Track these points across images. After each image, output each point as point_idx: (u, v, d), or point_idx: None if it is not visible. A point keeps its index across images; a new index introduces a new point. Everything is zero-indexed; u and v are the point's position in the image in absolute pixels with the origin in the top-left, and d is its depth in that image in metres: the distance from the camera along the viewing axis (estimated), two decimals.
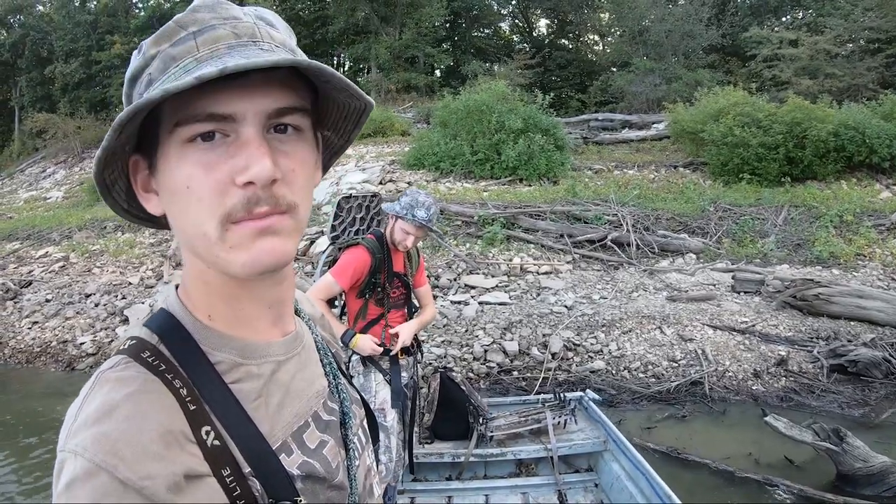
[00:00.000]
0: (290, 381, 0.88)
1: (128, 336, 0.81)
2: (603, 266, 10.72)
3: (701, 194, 13.82)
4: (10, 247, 18.12)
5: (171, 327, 0.81)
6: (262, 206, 0.72)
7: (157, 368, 0.74)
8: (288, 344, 0.90)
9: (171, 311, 0.83)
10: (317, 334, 1.02)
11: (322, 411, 0.93)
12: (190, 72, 0.69)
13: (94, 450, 0.65)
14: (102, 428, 0.66)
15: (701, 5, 27.55)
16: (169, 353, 0.78)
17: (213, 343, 0.81)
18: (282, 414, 0.84)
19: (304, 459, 0.84)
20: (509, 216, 12.08)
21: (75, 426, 0.68)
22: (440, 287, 9.98)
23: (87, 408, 0.69)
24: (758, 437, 5.71)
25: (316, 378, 0.95)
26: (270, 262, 0.75)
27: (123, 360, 0.75)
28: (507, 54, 35.43)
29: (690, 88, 22.00)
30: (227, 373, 0.80)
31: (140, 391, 0.71)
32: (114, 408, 0.68)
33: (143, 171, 0.79)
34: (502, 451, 4.77)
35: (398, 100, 33.29)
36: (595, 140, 21.24)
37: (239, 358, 0.82)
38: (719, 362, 7.24)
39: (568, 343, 7.90)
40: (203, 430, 0.73)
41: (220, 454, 0.74)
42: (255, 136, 0.72)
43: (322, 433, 0.91)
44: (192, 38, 0.73)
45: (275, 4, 38.52)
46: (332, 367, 1.00)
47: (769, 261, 10.39)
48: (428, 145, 17.09)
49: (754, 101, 15.86)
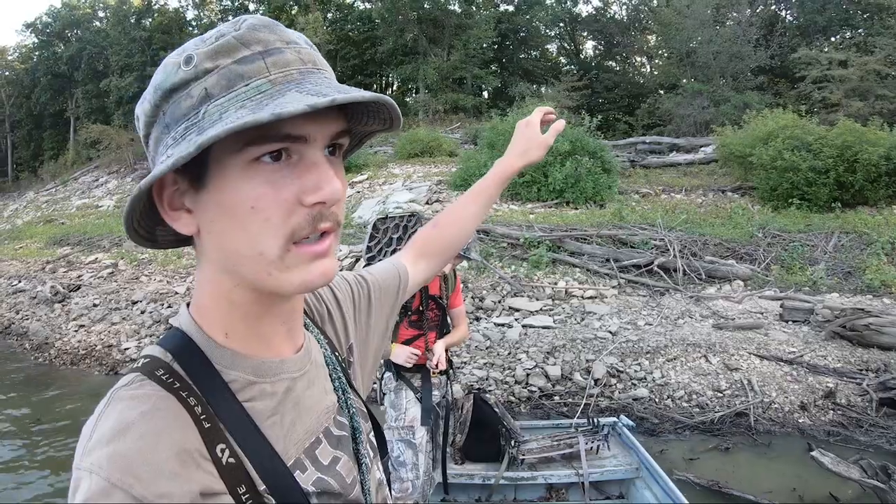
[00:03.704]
0: (301, 398, 0.88)
1: (142, 354, 0.81)
2: (649, 292, 10.65)
3: (749, 219, 13.62)
4: (62, 251, 18.76)
5: (184, 346, 0.81)
6: (326, 223, 0.77)
7: (171, 386, 0.75)
8: (300, 360, 0.90)
9: (184, 329, 0.83)
10: (325, 348, 1.01)
11: (333, 427, 0.94)
12: (272, 95, 0.71)
13: (109, 469, 0.65)
14: (118, 446, 0.67)
15: (749, 26, 27.33)
16: (183, 371, 0.78)
17: (227, 362, 0.81)
18: (295, 431, 0.86)
19: (318, 476, 0.86)
20: (555, 239, 12.06)
21: (90, 444, 0.69)
22: (484, 308, 10.01)
23: (102, 426, 0.70)
24: (802, 472, 5.60)
25: (326, 394, 0.95)
26: (322, 283, 0.80)
27: (138, 377, 0.76)
28: (555, 76, 35.45)
29: (739, 111, 21.78)
30: (241, 391, 0.81)
31: (155, 409, 0.71)
32: (129, 426, 0.69)
33: (173, 187, 0.77)
34: (533, 475, 4.76)
35: (446, 120, 33.54)
36: (642, 163, 21.06)
37: (252, 376, 0.82)
38: (765, 393, 7.12)
39: (611, 369, 7.85)
40: (218, 447, 0.74)
41: (236, 472, 0.75)
42: (323, 157, 0.76)
43: (335, 449, 0.92)
44: (262, 59, 0.73)
45: (325, 25, 39.20)
46: (340, 382, 1.00)
47: (818, 289, 10.19)
48: (475, 166, 17.15)
49: (804, 124, 15.58)
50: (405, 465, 3.70)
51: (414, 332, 3.80)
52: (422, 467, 3.72)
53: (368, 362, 1.19)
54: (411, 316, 3.79)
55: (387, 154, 25.92)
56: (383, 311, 1.23)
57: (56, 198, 33.26)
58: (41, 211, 30.67)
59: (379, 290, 1.22)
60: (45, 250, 20.05)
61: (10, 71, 53.32)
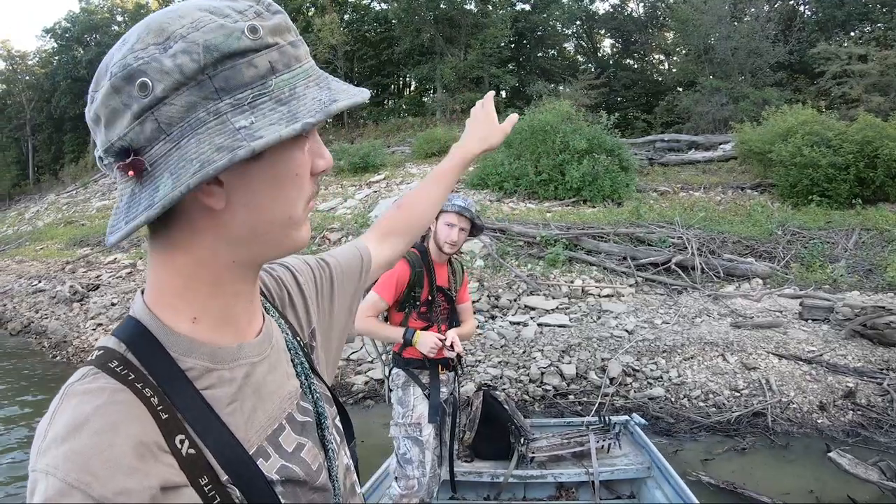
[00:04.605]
0: (262, 384, 0.86)
1: (96, 346, 0.79)
2: (666, 290, 10.57)
3: (769, 217, 13.52)
4: (81, 252, 18.97)
5: (138, 335, 0.78)
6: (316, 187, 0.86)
7: (125, 378, 0.72)
8: (259, 345, 0.88)
9: (137, 318, 0.80)
10: (286, 332, 0.99)
11: (297, 412, 0.92)
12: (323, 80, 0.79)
13: (65, 468, 0.63)
14: (73, 444, 0.65)
15: (767, 21, 27.08)
16: (137, 361, 0.75)
17: (182, 349, 0.79)
18: (256, 418, 0.84)
19: (282, 463, 0.84)
20: (572, 237, 12.03)
21: (45, 444, 0.67)
22: (500, 307, 9.99)
23: (56, 424, 0.68)
24: (820, 474, 5.50)
25: (288, 379, 0.93)
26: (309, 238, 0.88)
27: (90, 371, 0.73)
28: (572, 74, 35.28)
29: (758, 107, 21.62)
30: (199, 379, 0.78)
31: (109, 403, 0.69)
32: (83, 422, 0.66)
33: None
34: (542, 474, 4.69)
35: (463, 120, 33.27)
36: (661, 161, 20.96)
37: (210, 363, 0.80)
38: (783, 393, 7.02)
39: (627, 368, 7.79)
40: (177, 438, 0.72)
41: (196, 463, 0.73)
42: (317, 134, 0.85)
43: (298, 436, 0.90)
44: (302, 46, 0.79)
45: (342, 26, 39.31)
46: (303, 367, 0.98)
47: (839, 287, 10.06)
48: (492, 165, 17.17)
49: (823, 120, 15.48)
50: (411, 462, 3.66)
51: (422, 323, 3.75)
52: (428, 465, 3.67)
53: (332, 346, 1.18)
54: (420, 308, 3.74)
55: (404, 154, 25.99)
56: (346, 294, 1.23)
57: (76, 200, 33.63)
58: (62, 213, 31.02)
59: (341, 272, 1.23)
60: (65, 251, 20.30)
61: (30, 75, 54.10)
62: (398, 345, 3.71)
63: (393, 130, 35.33)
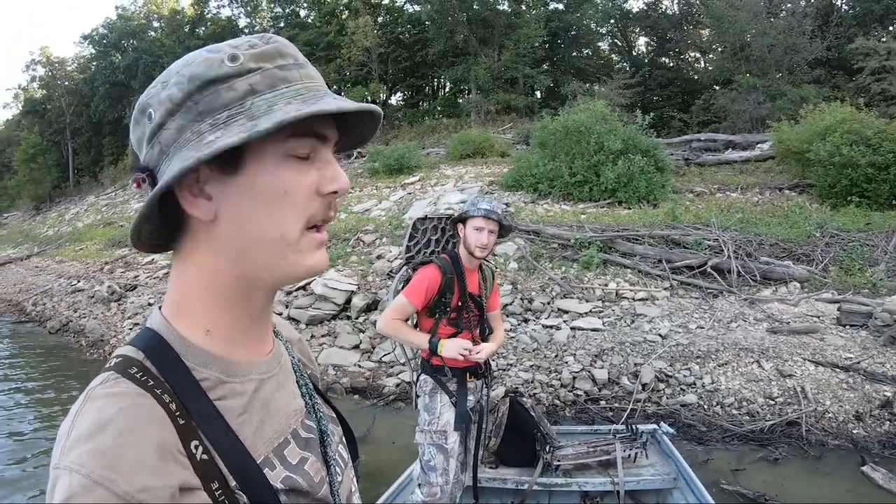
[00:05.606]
0: (270, 400, 0.91)
1: (114, 354, 0.83)
2: (701, 294, 10.45)
3: (807, 218, 13.24)
4: (120, 252, 19.36)
5: (156, 345, 0.83)
6: (332, 212, 0.87)
7: (145, 384, 0.77)
8: (269, 363, 0.93)
9: (155, 329, 0.85)
10: (293, 356, 1.06)
11: (301, 429, 0.97)
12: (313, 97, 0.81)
13: (90, 465, 0.66)
14: (97, 443, 0.68)
15: (803, 17, 26.61)
16: (155, 369, 0.80)
17: (199, 360, 0.83)
18: (263, 430, 0.88)
19: (286, 474, 0.88)
20: (606, 240, 11.95)
21: (69, 443, 0.70)
22: (533, 310, 9.96)
23: (79, 425, 0.71)
24: (854, 487, 5.38)
25: (294, 397, 0.99)
26: (322, 270, 0.90)
27: (112, 376, 0.77)
28: (607, 74, 35.09)
29: (795, 105, 21.21)
30: (212, 389, 0.83)
31: (132, 405, 0.73)
32: (107, 423, 0.70)
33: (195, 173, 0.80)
34: (567, 482, 4.66)
35: (498, 121, 33.57)
36: (697, 161, 20.63)
37: (223, 375, 0.85)
38: (819, 402, 6.87)
39: (660, 374, 7.71)
40: (192, 444, 0.76)
41: (209, 468, 0.77)
42: (332, 156, 0.88)
43: (302, 450, 0.94)
44: (297, 69, 0.83)
45: (375, 28, 39.50)
46: (307, 388, 1.04)
47: (878, 291, 9.83)
48: (526, 166, 17.12)
49: (862, 118, 15.10)
50: (435, 469, 3.68)
51: (452, 329, 3.75)
52: (452, 473, 3.69)
53: None
54: (450, 314, 3.74)
55: (438, 155, 26.03)
56: None
57: (115, 201, 34.33)
58: (101, 214, 31.68)
59: None
60: (103, 252, 20.73)
61: (69, 81, 55.58)
62: (426, 351, 3.70)
63: (427, 132, 35.42)
